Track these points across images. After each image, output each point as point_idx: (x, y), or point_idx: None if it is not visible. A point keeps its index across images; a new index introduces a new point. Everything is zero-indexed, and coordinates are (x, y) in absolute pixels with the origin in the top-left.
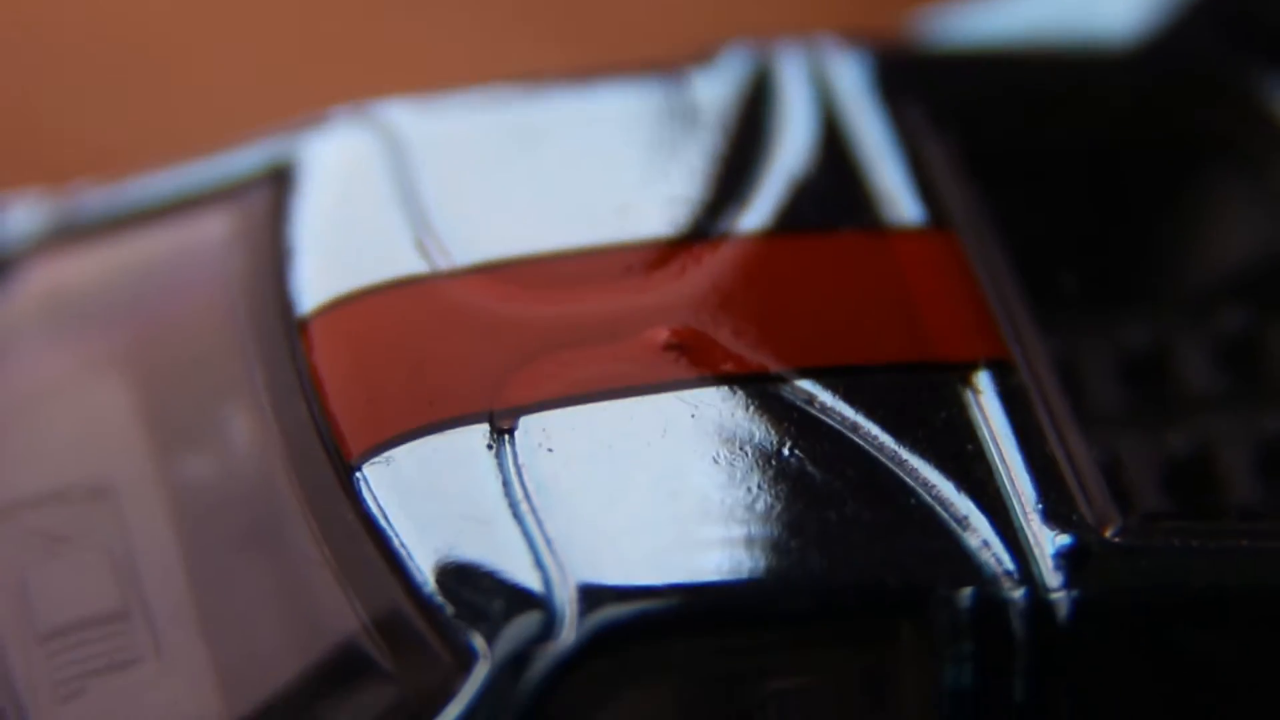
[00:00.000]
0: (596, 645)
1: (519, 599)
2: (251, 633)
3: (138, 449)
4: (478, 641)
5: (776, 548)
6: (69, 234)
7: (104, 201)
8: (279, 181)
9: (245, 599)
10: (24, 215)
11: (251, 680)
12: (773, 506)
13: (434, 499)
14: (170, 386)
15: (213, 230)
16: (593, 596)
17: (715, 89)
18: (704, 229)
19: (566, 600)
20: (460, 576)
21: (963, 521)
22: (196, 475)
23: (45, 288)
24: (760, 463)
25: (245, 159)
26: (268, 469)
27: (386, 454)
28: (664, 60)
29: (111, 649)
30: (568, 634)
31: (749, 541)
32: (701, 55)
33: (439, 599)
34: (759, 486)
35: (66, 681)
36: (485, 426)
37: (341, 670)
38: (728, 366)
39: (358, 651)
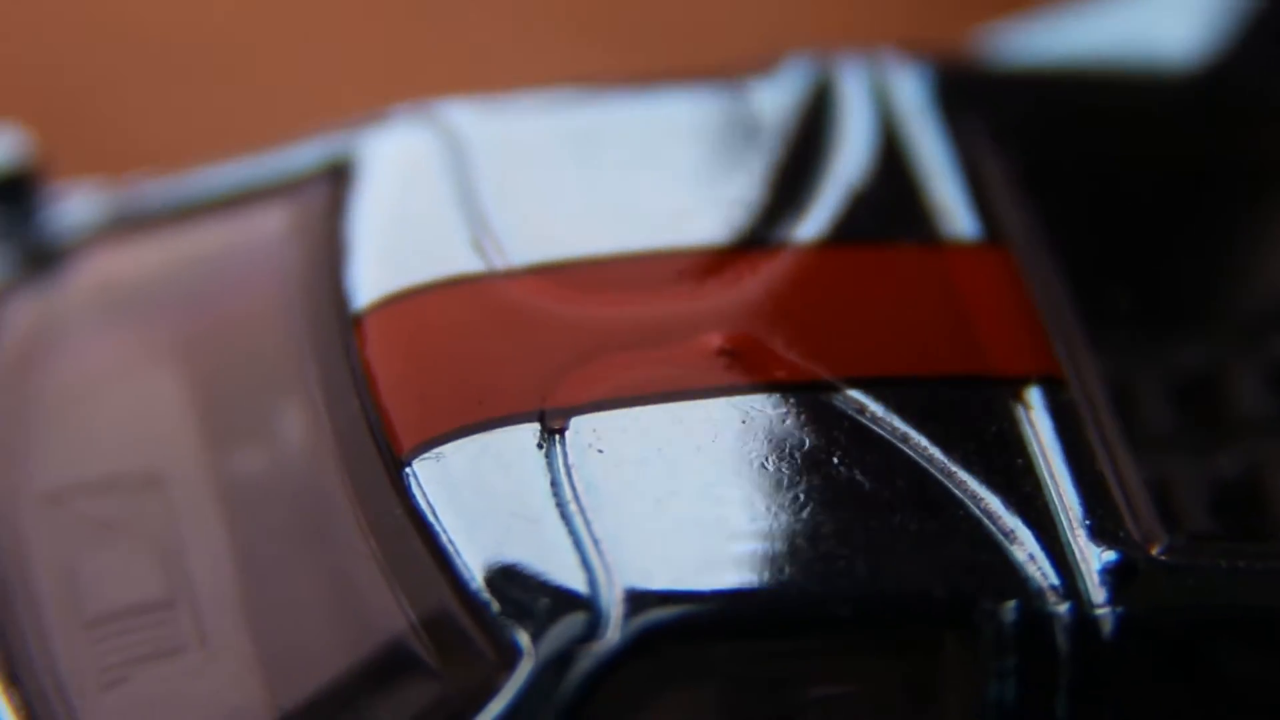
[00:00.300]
0: (640, 647)
1: (565, 598)
2: (297, 626)
3: (190, 440)
4: (522, 639)
5: (823, 555)
6: (127, 225)
7: (162, 193)
8: (338, 178)
9: (292, 592)
10: (82, 204)
11: (295, 673)
12: (821, 514)
13: (483, 496)
14: (224, 379)
15: (270, 225)
16: (638, 598)
17: (775, 98)
18: (760, 237)
19: (612, 601)
20: (507, 574)
21: (1010, 535)
22: (247, 468)
23: (102, 277)
24: (810, 470)
25: (304, 154)
26: (318, 463)
27: (437, 450)
28: (724, 68)
29: (157, 637)
30: (612, 634)
31: (796, 548)
32: (762, 64)
33: (485, 596)
34: (808, 493)
35: (110, 668)
36: (536, 426)
37: (385, 665)
38: (780, 373)
39: (402, 647)
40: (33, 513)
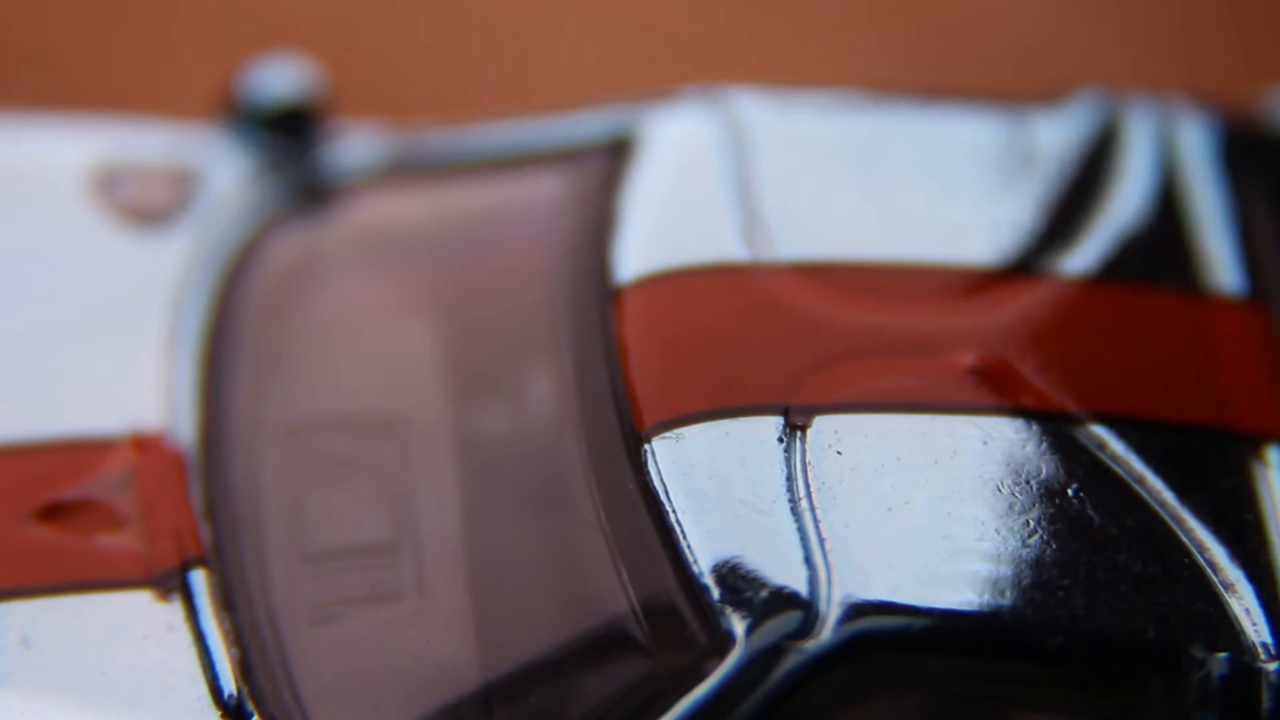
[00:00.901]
0: (851, 651)
1: (783, 594)
2: (515, 586)
3: (436, 389)
4: (736, 629)
5: (1043, 583)
6: (404, 170)
7: (444, 143)
8: (619, 152)
9: (515, 552)
10: (364, 145)
11: (507, 632)
12: (1047, 543)
13: (716, 482)
14: (478, 334)
15: (546, 190)
16: (856, 603)
17: (1061, 130)
18: (1026, 263)
19: (830, 602)
20: (729, 562)
21: (1230, 588)
22: (488, 423)
23: (373, 220)
24: (1042, 498)
25: (590, 124)
26: (559, 429)
27: (677, 430)
28: (1014, 93)
29: (375, 580)
30: (824, 635)
31: (1017, 573)
32: (1051, 95)
33: (705, 581)
34: (1037, 521)
35: (325, 605)
36: (780, 419)
37: (598, 637)
38: (1027, 400)
39: (617, 621)
40: (272, 443)
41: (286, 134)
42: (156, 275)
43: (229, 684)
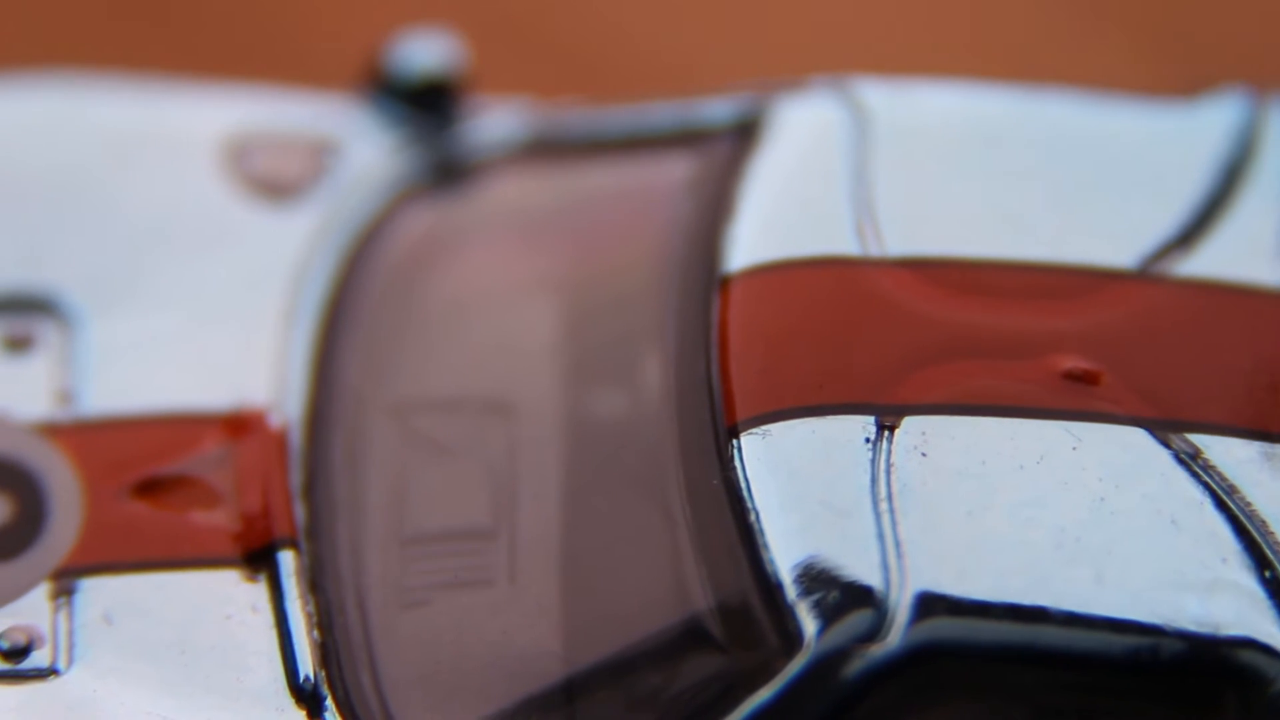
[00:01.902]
0: (919, 655)
1: (855, 596)
2: (601, 578)
3: (546, 374)
4: (806, 629)
5: (1121, 593)
6: (539, 149)
7: (579, 124)
8: (745, 137)
9: (605, 544)
10: (502, 122)
11: (588, 624)
12: (1128, 552)
13: (799, 480)
14: (591, 319)
15: (670, 174)
16: (927, 606)
17: (1199, 126)
18: (1140, 267)
19: (900, 605)
20: (804, 563)
21: None
22: (593, 411)
23: (501, 199)
24: (1128, 507)
25: (719, 110)
26: (656, 420)
27: (766, 426)
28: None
29: (468, 565)
30: (893, 639)
31: (1095, 581)
32: (1192, 89)
33: (779, 581)
34: (1120, 530)
35: (415, 589)
36: (868, 419)
37: (676, 632)
38: (1121, 406)
39: (696, 616)
40: (378, 423)
41: (427, 108)
42: (283, 248)
43: (306, 667)
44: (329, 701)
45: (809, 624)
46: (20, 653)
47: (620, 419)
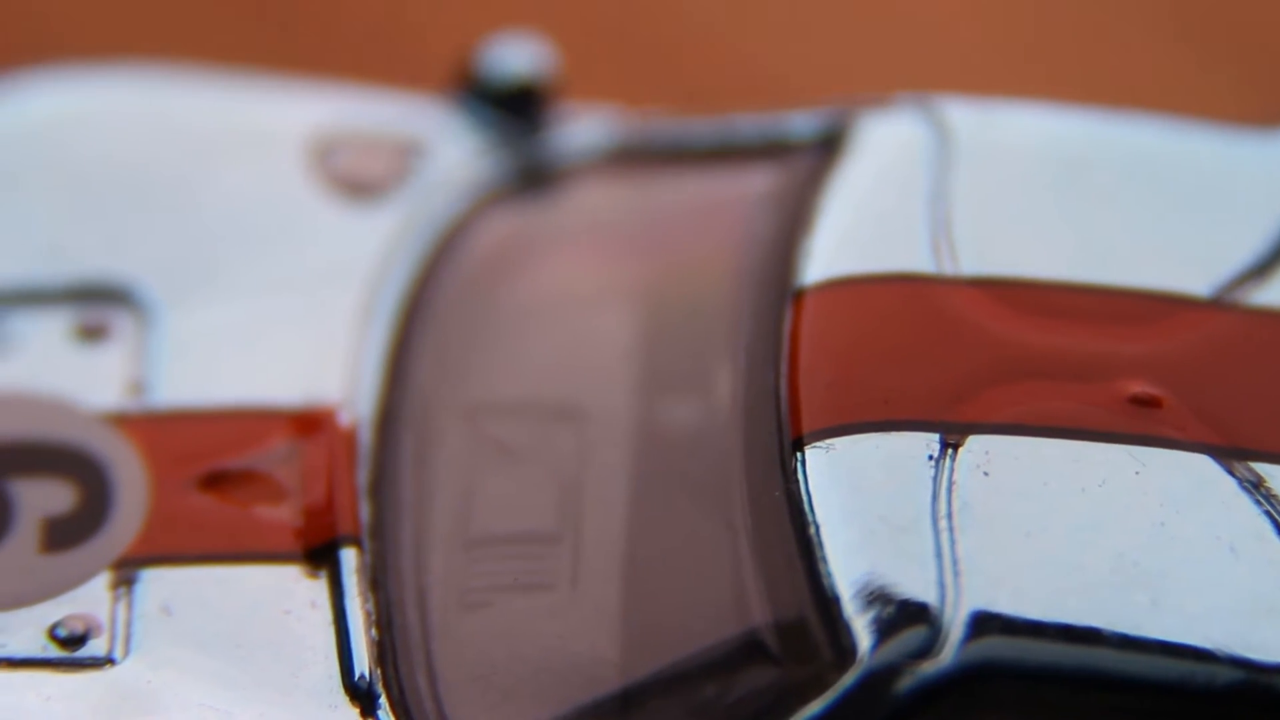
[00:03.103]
0: (971, 674)
1: (910, 613)
2: (660, 583)
3: (617, 381)
4: (860, 644)
5: (1177, 618)
6: (624, 158)
7: (665, 133)
8: (827, 151)
9: (666, 550)
10: (590, 129)
11: (645, 630)
12: (1185, 578)
13: (861, 495)
14: (665, 327)
15: (752, 186)
16: (981, 625)
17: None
18: (1214, 294)
19: (954, 623)
20: (861, 576)
21: None
22: (663, 420)
23: (585, 205)
24: (1187, 533)
25: (804, 123)
26: (724, 429)
27: (831, 440)
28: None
29: (531, 569)
30: (945, 656)
31: (1151, 606)
32: (1275, 116)
33: (836, 593)
34: (1179, 557)
35: (476, 591)
36: (934, 437)
37: (729, 641)
38: (1186, 433)
39: (749, 626)
40: (449, 424)
41: (516, 113)
42: (363, 247)
43: (362, 665)
44: (383, 700)
45: (862, 639)
46: (77, 641)
47: (689, 428)
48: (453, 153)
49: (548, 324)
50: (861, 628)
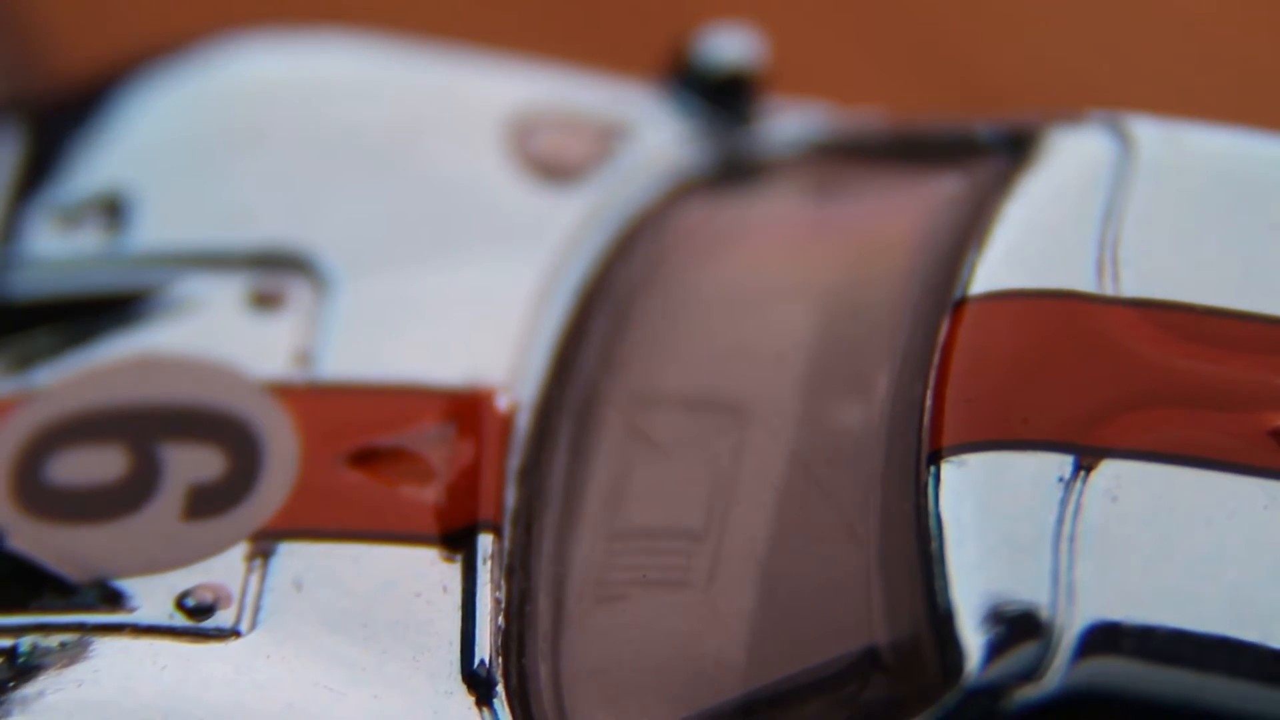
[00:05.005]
0: (1075, 698)
1: (1019, 633)
2: (788, 588)
3: (780, 381)
4: (968, 662)
5: None
6: (827, 153)
7: (873, 131)
8: (1013, 162)
9: (802, 556)
10: (796, 124)
11: (766, 635)
12: None
13: (985, 512)
14: (833, 328)
15: (939, 190)
16: (1089, 649)
17: None
18: None
19: (1062, 646)
20: (976, 594)
21: None
22: (819, 421)
23: (778, 200)
24: None
25: (997, 130)
26: (872, 438)
27: (964, 456)
28: None
29: (671, 565)
30: (1051, 679)
31: (1266, 643)
32: None
33: (950, 609)
34: None
35: (614, 583)
36: (1066, 459)
37: (846, 652)
38: None
39: (867, 638)
40: (608, 414)
41: (725, 103)
42: (552, 230)
43: (483, 652)
44: (499, 689)
45: (970, 657)
46: (205, 611)
47: (840, 433)
48: (655, 139)
49: (720, 319)
50: (970, 646)
